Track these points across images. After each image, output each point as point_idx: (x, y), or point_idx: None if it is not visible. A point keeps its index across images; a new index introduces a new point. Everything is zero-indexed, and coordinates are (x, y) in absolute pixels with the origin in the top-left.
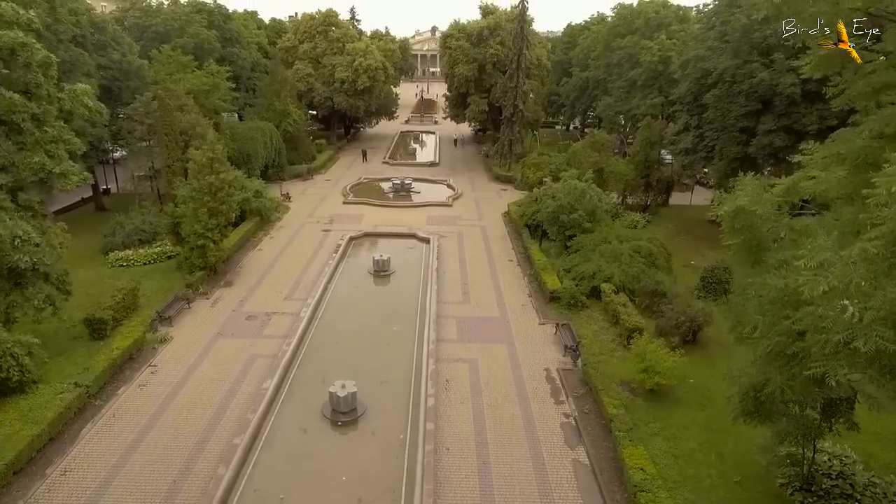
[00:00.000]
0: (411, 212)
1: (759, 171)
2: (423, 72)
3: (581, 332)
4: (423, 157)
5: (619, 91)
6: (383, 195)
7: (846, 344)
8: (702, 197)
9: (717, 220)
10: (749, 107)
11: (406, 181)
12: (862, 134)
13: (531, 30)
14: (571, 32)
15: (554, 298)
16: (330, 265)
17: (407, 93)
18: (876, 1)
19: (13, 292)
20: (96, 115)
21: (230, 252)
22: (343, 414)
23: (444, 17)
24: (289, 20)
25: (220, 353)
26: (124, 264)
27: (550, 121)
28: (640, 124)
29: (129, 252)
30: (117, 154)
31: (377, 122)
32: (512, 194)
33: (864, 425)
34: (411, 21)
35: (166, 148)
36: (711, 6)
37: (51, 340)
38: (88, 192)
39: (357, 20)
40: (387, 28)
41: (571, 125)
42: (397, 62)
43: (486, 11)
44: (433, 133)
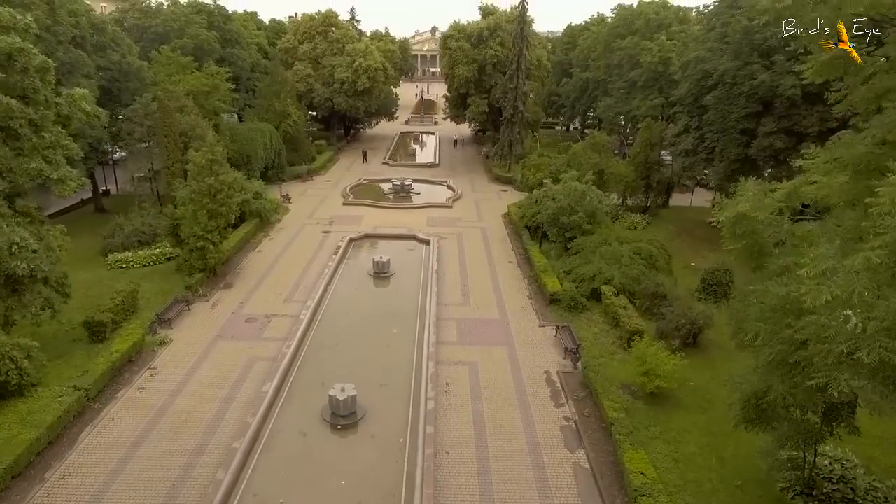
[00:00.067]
0: (411, 213)
1: (759, 173)
2: (423, 72)
3: (581, 334)
4: (423, 157)
5: (620, 92)
6: (383, 196)
7: (849, 355)
8: (702, 198)
9: (717, 226)
10: (749, 108)
11: (406, 182)
12: (864, 140)
13: (531, 30)
14: (571, 33)
15: (554, 300)
16: (330, 267)
17: (407, 93)
18: (878, 6)
19: (10, 299)
20: (94, 120)
21: (230, 254)
22: (343, 417)
23: (444, 18)
24: (288, 21)
25: (220, 356)
26: (123, 266)
27: (550, 121)
28: (640, 125)
29: (129, 254)
30: (117, 155)
31: (377, 123)
32: (512, 195)
33: (866, 429)
34: (411, 21)
35: (166, 149)
36: (712, 7)
37: (50, 343)
38: (88, 194)
39: (357, 20)
40: (387, 28)
41: (571, 126)
42: (397, 63)
43: (486, 12)
44: (433, 134)
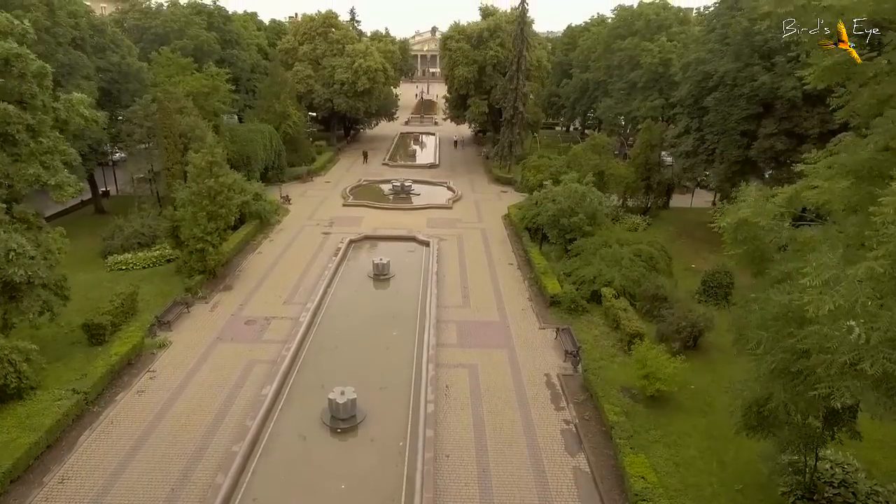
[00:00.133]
0: (411, 214)
1: (760, 175)
2: (423, 72)
3: (581, 336)
4: (423, 158)
5: (620, 93)
6: (383, 197)
7: (852, 365)
8: (702, 199)
9: (719, 231)
10: (750, 110)
11: (406, 183)
12: (867, 146)
13: (531, 31)
14: (572, 34)
15: (554, 303)
16: (329, 269)
17: (407, 94)
18: (881, 12)
19: (8, 304)
20: (92, 125)
21: (229, 256)
22: (342, 421)
23: (444, 18)
24: (288, 21)
25: (219, 359)
26: (123, 268)
27: (550, 122)
28: (640, 126)
29: (128, 256)
30: (117, 156)
31: (377, 124)
32: (512, 196)
33: (867, 433)
34: (411, 22)
35: (165, 151)
36: (712, 9)
37: (49, 346)
38: (88, 195)
39: (357, 21)
40: (387, 29)
41: (571, 127)
42: (397, 63)
43: (486, 13)
44: (433, 134)
